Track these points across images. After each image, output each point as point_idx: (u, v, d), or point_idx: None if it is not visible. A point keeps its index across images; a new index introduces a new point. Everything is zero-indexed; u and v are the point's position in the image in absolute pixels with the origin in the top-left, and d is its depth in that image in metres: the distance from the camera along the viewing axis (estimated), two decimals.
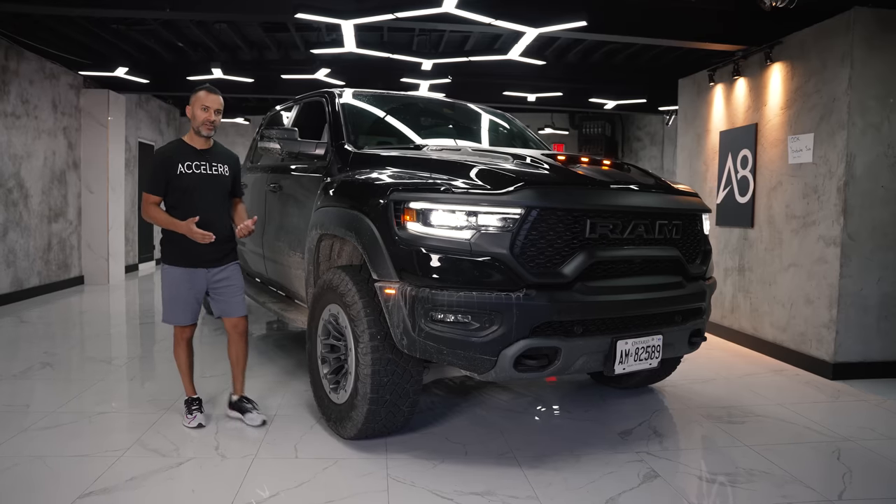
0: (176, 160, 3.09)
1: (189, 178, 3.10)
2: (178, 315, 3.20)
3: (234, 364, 3.34)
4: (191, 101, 3.15)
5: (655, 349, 2.90)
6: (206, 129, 3.13)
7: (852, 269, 4.38)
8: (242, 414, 3.25)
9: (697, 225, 3.25)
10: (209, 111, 3.12)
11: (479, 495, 2.55)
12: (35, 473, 2.64)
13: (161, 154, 3.15)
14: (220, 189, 3.20)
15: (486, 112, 4.63)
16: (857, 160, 4.35)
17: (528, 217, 2.61)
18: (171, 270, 3.17)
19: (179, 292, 3.16)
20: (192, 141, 3.17)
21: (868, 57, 4.33)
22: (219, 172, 3.19)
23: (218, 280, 3.21)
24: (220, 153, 3.26)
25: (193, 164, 3.11)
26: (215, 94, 3.16)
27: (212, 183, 3.16)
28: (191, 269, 3.15)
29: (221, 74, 7.27)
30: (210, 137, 3.19)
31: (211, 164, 3.17)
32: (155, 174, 3.10)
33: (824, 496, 2.61)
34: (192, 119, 3.14)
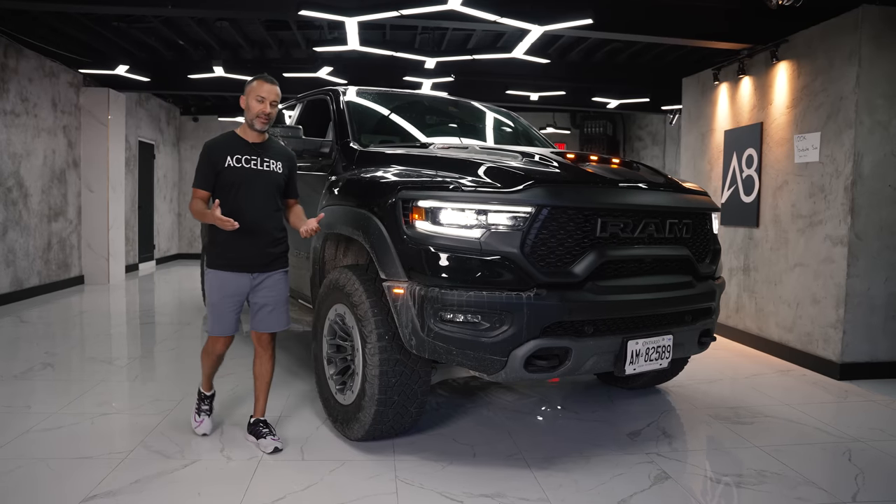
0: (225, 153, 2.83)
1: (237, 172, 2.82)
2: (221, 324, 2.91)
3: (257, 382, 3.04)
4: (245, 91, 2.92)
5: (666, 349, 2.87)
6: (260, 123, 2.86)
7: (859, 268, 4.36)
8: (257, 438, 2.97)
9: (707, 224, 3.22)
10: (264, 103, 2.85)
11: (489, 497, 2.52)
12: (38, 476, 2.60)
13: (210, 146, 2.87)
14: (270, 187, 2.90)
15: (491, 110, 4.60)
16: (865, 159, 4.33)
17: (538, 216, 2.58)
18: (212, 275, 2.89)
19: (224, 298, 2.87)
20: (244, 134, 2.92)
21: (876, 55, 4.31)
22: (270, 169, 2.89)
23: (259, 287, 2.90)
24: (274, 149, 2.98)
25: (243, 158, 2.84)
26: (272, 84, 2.89)
27: (261, 179, 2.87)
28: (234, 272, 2.86)
29: (222, 73, 7.22)
30: (264, 132, 2.93)
31: (262, 160, 2.88)
32: (202, 167, 2.83)
33: (838, 498, 2.58)
34: (246, 111, 2.90)
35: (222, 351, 3.02)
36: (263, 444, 2.94)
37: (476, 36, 7.05)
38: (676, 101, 7.39)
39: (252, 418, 3.06)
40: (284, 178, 2.96)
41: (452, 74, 7.50)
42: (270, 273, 2.92)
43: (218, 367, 3.12)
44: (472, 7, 4.63)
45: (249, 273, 2.87)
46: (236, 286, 2.87)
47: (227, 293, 2.86)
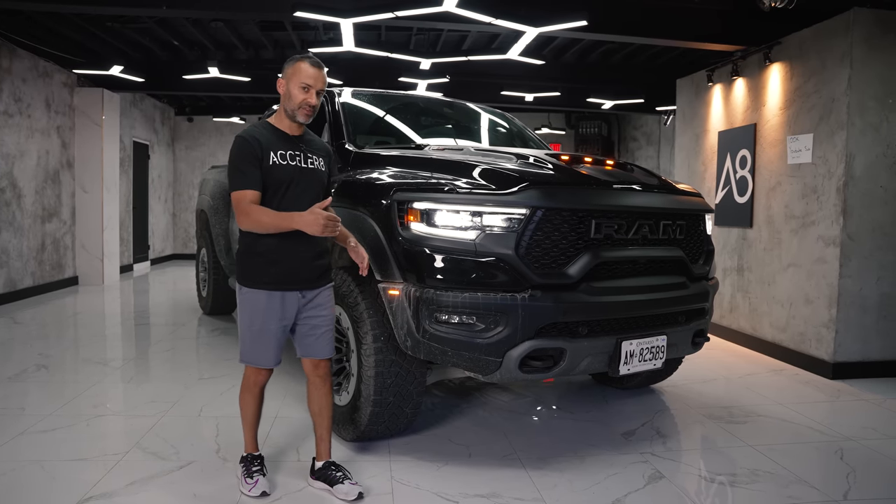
0: (268, 148, 2.36)
1: (283, 170, 2.36)
2: (261, 353, 2.43)
3: (316, 419, 2.59)
4: (286, 74, 2.43)
5: (660, 350, 2.89)
6: (303, 115, 2.39)
7: (852, 268, 4.39)
8: (331, 485, 2.51)
9: (700, 225, 3.25)
10: (310, 91, 2.38)
11: (484, 497, 2.53)
12: (33, 478, 2.60)
13: (248, 139, 2.36)
14: (317, 187, 2.47)
15: (486, 111, 4.61)
16: (857, 160, 4.36)
17: (533, 217, 2.59)
18: (254, 295, 2.40)
19: (266, 324, 2.39)
20: (280, 124, 2.45)
21: (867, 57, 4.34)
22: (315, 166, 2.47)
23: (309, 307, 2.46)
24: (314, 142, 2.56)
25: (288, 154, 2.39)
26: (319, 69, 2.41)
27: (309, 178, 2.44)
28: (282, 292, 2.39)
29: (217, 73, 7.21)
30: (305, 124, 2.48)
31: (306, 156, 2.45)
32: (243, 164, 2.32)
33: (829, 496, 2.60)
34: (286, 98, 2.41)
35: (264, 383, 2.56)
36: (342, 490, 2.47)
37: (471, 37, 7.06)
38: (671, 102, 7.42)
39: (319, 462, 2.59)
40: (326, 177, 2.56)
41: (447, 75, 7.51)
42: (319, 289, 2.49)
43: (260, 414, 2.61)
44: (467, 9, 4.65)
45: (299, 291, 2.42)
46: (285, 308, 2.41)
47: (274, 317, 2.39)
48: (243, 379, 2.56)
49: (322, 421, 2.58)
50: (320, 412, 2.57)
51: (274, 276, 2.38)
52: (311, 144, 2.53)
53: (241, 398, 2.57)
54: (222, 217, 5.57)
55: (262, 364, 2.47)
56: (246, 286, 2.42)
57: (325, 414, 2.57)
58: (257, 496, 2.47)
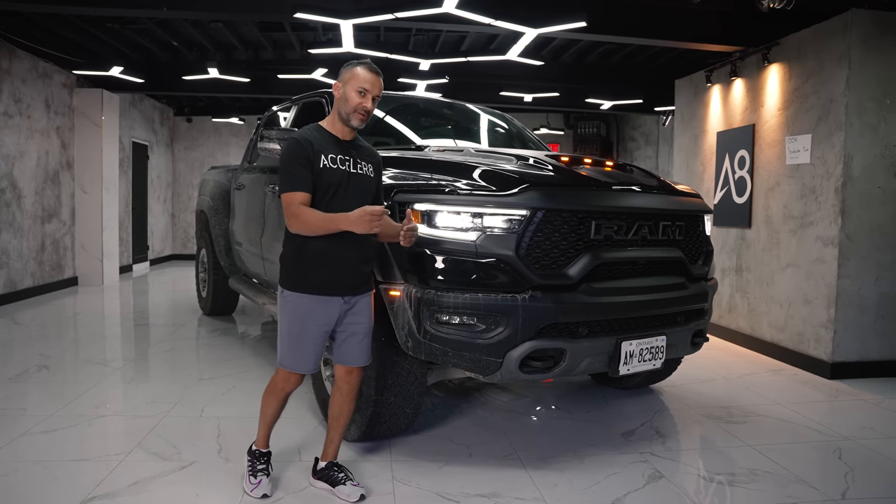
0: (319, 150, 2.35)
1: (333, 174, 2.35)
2: (299, 358, 2.41)
3: (333, 422, 2.58)
4: (343, 78, 2.42)
5: (659, 350, 2.91)
6: (358, 119, 2.39)
7: (850, 269, 4.41)
8: (333, 486, 2.52)
9: (700, 226, 3.26)
10: (367, 96, 2.38)
11: (485, 497, 2.54)
12: (36, 478, 2.61)
13: (301, 141, 2.34)
14: (366, 192, 2.45)
15: (485, 112, 4.62)
16: (855, 161, 4.38)
17: (533, 218, 2.61)
18: (297, 299, 2.38)
19: (307, 328, 2.38)
20: (333, 128, 2.44)
21: (865, 58, 4.36)
22: (364, 172, 2.46)
23: (350, 313, 2.44)
24: (365, 149, 2.54)
25: (339, 158, 2.38)
26: (378, 76, 2.42)
27: (358, 183, 2.42)
28: (325, 296, 2.38)
29: (217, 74, 7.22)
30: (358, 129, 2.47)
31: (356, 161, 2.44)
32: (295, 166, 2.31)
33: (828, 495, 2.62)
34: (342, 102, 2.40)
35: (292, 391, 2.53)
36: (344, 491, 2.48)
37: (470, 38, 7.07)
38: (669, 103, 7.44)
39: (322, 462, 2.60)
40: (375, 184, 2.52)
41: (446, 76, 7.52)
42: (361, 296, 2.47)
43: (280, 413, 2.60)
44: (466, 10, 4.66)
45: (342, 297, 2.40)
46: (327, 313, 2.39)
47: (316, 322, 2.38)
48: (271, 381, 2.53)
49: (337, 426, 2.57)
50: (339, 417, 2.56)
51: (319, 280, 2.36)
52: (362, 150, 2.51)
53: (264, 398, 2.56)
54: (222, 217, 5.58)
55: (300, 369, 2.44)
56: (290, 289, 2.40)
57: (343, 420, 2.57)
58: (258, 497, 2.48)
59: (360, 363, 2.50)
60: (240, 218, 5.11)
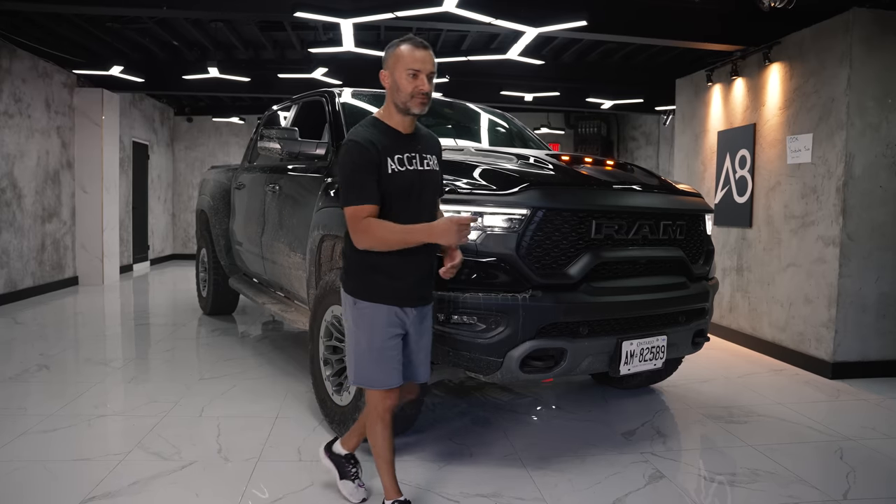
0: (384, 152, 2.09)
1: (404, 177, 2.11)
2: (381, 373, 2.19)
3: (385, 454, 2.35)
4: (387, 64, 2.16)
5: (660, 350, 2.90)
6: (417, 105, 2.11)
7: (851, 268, 4.40)
8: (339, 477, 2.48)
9: (701, 225, 3.25)
10: (419, 77, 2.10)
11: (485, 497, 2.54)
12: (36, 478, 2.60)
13: (361, 144, 2.09)
14: (434, 190, 2.24)
15: (486, 111, 4.62)
16: (856, 160, 4.37)
17: (533, 218, 2.60)
18: (374, 310, 2.17)
19: (388, 341, 2.18)
20: (391, 120, 2.17)
21: (867, 57, 4.35)
22: (432, 167, 2.21)
23: (419, 325, 2.26)
24: (426, 137, 2.29)
25: (405, 158, 2.12)
26: (426, 50, 2.13)
27: (428, 182, 2.20)
28: (395, 307, 2.19)
29: (217, 73, 7.21)
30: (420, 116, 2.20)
31: (422, 157, 2.19)
32: (358, 176, 2.07)
33: (829, 496, 2.61)
34: (394, 90, 2.14)
35: (394, 406, 2.30)
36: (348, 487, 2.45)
37: (470, 37, 7.06)
38: (670, 102, 7.42)
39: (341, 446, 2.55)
40: (440, 175, 2.29)
41: (447, 75, 7.51)
42: (425, 307, 2.29)
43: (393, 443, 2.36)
44: (466, 9, 4.65)
45: (415, 308, 2.23)
46: (397, 323, 2.20)
47: (393, 332, 2.19)
48: (369, 409, 2.28)
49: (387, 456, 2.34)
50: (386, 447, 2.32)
51: (397, 290, 2.18)
52: (425, 141, 2.25)
53: (370, 431, 2.28)
54: (222, 217, 5.58)
55: (390, 384, 2.21)
56: (366, 300, 2.17)
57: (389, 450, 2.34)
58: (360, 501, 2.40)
59: (421, 378, 2.33)
60: (240, 217, 5.11)
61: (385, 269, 2.15)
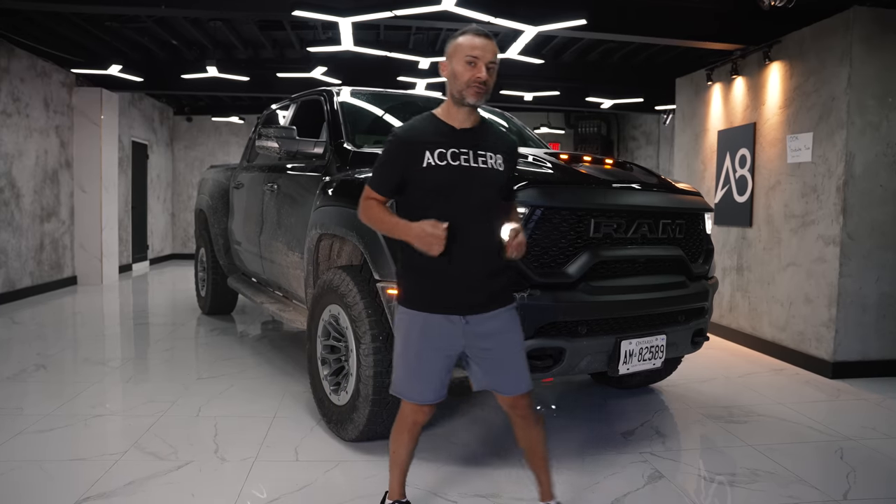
0: (423, 146, 2.00)
1: (442, 172, 1.99)
2: (415, 386, 2.09)
3: (531, 455, 2.23)
4: (448, 53, 2.06)
5: (659, 349, 2.89)
6: (473, 94, 2.00)
7: (851, 268, 4.38)
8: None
9: (700, 224, 3.24)
10: (477, 65, 1.99)
11: (483, 497, 2.52)
12: (31, 478, 2.59)
13: (400, 136, 2.06)
14: (489, 192, 2.05)
15: (485, 110, 4.60)
16: (857, 159, 4.35)
17: (532, 216, 2.59)
18: (409, 317, 2.06)
19: (422, 352, 2.05)
20: (448, 116, 2.07)
21: (867, 56, 4.33)
22: (488, 165, 2.04)
23: (483, 335, 2.05)
24: (491, 135, 2.13)
25: (449, 153, 2.00)
26: (488, 39, 2.02)
27: (477, 182, 2.02)
28: (439, 315, 2.03)
29: (216, 73, 7.20)
30: (476, 107, 2.07)
31: (476, 153, 2.03)
32: (385, 165, 2.07)
33: (829, 496, 2.60)
34: (452, 80, 2.03)
35: (423, 422, 2.17)
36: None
37: None
38: (670, 102, 7.41)
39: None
40: (506, 177, 2.11)
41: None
42: (495, 313, 2.07)
43: (413, 452, 2.26)
44: (466, 7, 4.64)
45: (461, 316, 2.03)
46: (444, 334, 2.03)
47: (431, 344, 2.05)
48: (399, 414, 2.19)
49: (536, 458, 2.22)
50: (532, 448, 2.22)
51: (433, 295, 2.03)
52: (487, 138, 2.10)
53: (392, 435, 2.22)
54: (221, 217, 5.56)
55: (414, 399, 2.10)
56: (402, 305, 2.08)
57: (538, 450, 2.21)
58: None
59: (515, 392, 2.12)
60: (238, 217, 5.09)
61: (430, 272, 2.02)
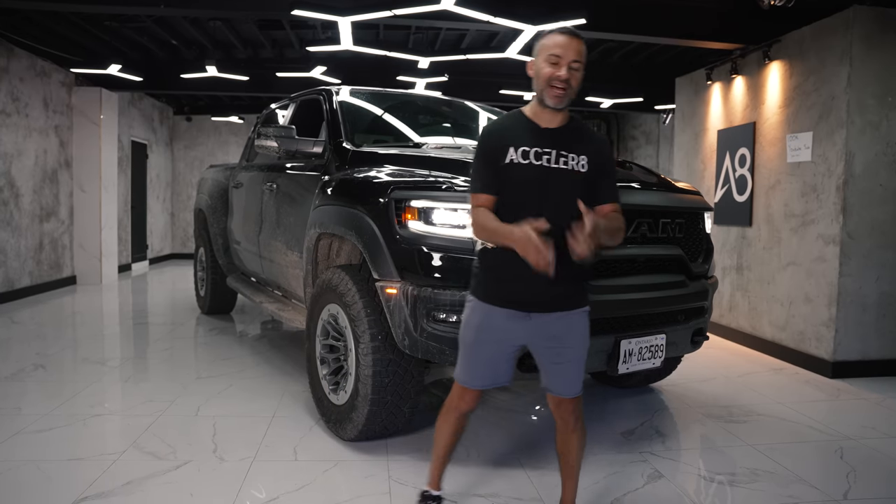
0: (506, 142, 2.01)
1: (523, 171, 1.98)
2: (465, 369, 2.15)
3: (562, 460, 2.23)
4: (534, 52, 2.06)
5: (659, 348, 2.88)
6: (553, 96, 1.98)
7: (851, 267, 4.38)
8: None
9: (700, 223, 3.24)
10: (560, 64, 1.97)
11: (483, 497, 2.52)
12: (29, 478, 2.58)
13: (487, 133, 2.09)
14: (569, 193, 1.97)
15: (484, 110, 4.60)
16: (857, 159, 4.35)
17: None
18: (472, 305, 2.11)
19: (476, 340, 2.09)
20: (534, 114, 2.06)
21: (867, 55, 4.33)
22: (568, 167, 2.00)
23: (546, 334, 2.06)
24: (578, 135, 2.07)
25: (532, 152, 1.98)
26: (571, 37, 1.98)
27: (556, 182, 1.99)
28: (501, 308, 2.04)
29: (216, 72, 7.19)
30: (562, 109, 2.03)
31: (559, 153, 2.00)
32: (477, 164, 2.06)
33: (830, 496, 2.59)
34: (536, 79, 2.03)
35: (468, 408, 2.22)
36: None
37: (469, 36, 7.04)
38: (670, 101, 7.40)
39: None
40: (590, 179, 2.03)
41: (446, 74, 7.49)
42: (562, 314, 2.04)
43: (457, 441, 2.32)
44: (465, 7, 4.63)
45: (525, 312, 2.03)
46: (502, 327, 2.06)
47: (486, 335, 2.08)
48: (447, 399, 2.24)
49: (566, 464, 2.21)
50: (565, 454, 2.21)
51: (495, 289, 2.05)
52: (573, 139, 2.04)
53: (439, 419, 2.28)
54: (220, 216, 5.56)
55: (462, 381, 2.17)
56: (470, 294, 2.14)
57: (570, 458, 2.19)
58: None
59: (564, 394, 2.12)
60: (238, 217, 5.09)
61: (496, 267, 2.04)
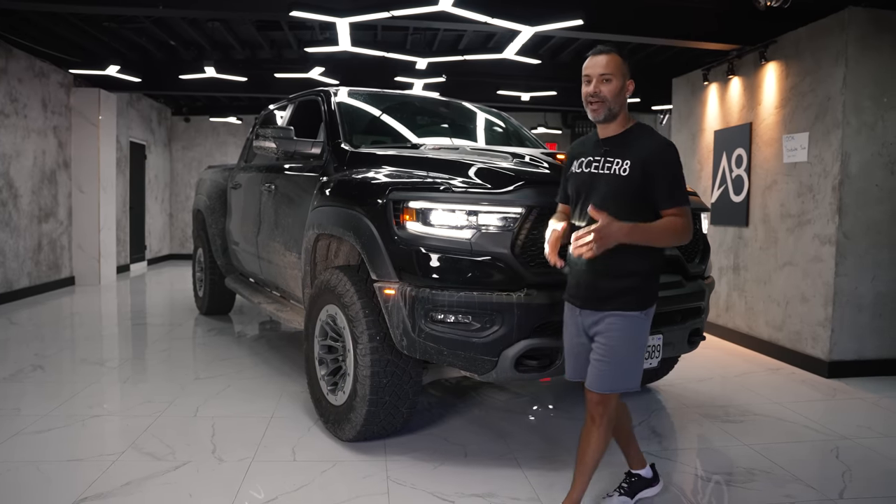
0: (573, 157, 2.29)
1: (577, 178, 2.24)
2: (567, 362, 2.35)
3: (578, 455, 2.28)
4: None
5: (655, 349, 2.88)
6: (590, 112, 2.17)
7: (847, 267, 4.40)
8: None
9: (696, 224, 3.24)
10: (590, 81, 2.15)
11: (480, 497, 2.53)
12: (28, 479, 2.59)
13: (568, 151, 2.39)
14: (608, 195, 2.11)
15: (482, 111, 4.61)
16: (852, 159, 4.37)
17: (528, 216, 2.60)
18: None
19: (567, 335, 2.32)
20: (599, 129, 2.25)
21: (862, 56, 4.35)
22: (614, 172, 2.12)
23: (593, 332, 2.22)
24: (631, 141, 2.16)
25: (586, 161, 2.22)
26: (597, 54, 2.16)
27: (597, 186, 2.15)
28: (566, 303, 2.32)
29: (214, 73, 7.20)
30: (611, 120, 2.16)
31: (605, 160, 2.16)
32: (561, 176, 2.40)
33: (825, 495, 2.61)
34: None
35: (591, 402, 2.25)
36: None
37: (467, 36, 7.06)
38: (667, 102, 7.42)
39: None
40: (635, 182, 2.10)
41: (444, 75, 7.50)
42: (603, 314, 2.17)
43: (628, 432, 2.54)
44: (462, 8, 4.64)
45: (578, 308, 2.24)
46: (569, 321, 2.30)
47: (566, 329, 2.32)
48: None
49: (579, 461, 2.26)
50: (581, 449, 2.26)
51: (567, 286, 2.30)
52: (622, 145, 2.16)
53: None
54: (219, 217, 5.56)
55: (569, 375, 2.34)
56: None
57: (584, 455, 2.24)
58: None
59: (588, 384, 2.21)
60: (236, 217, 5.10)
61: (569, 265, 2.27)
